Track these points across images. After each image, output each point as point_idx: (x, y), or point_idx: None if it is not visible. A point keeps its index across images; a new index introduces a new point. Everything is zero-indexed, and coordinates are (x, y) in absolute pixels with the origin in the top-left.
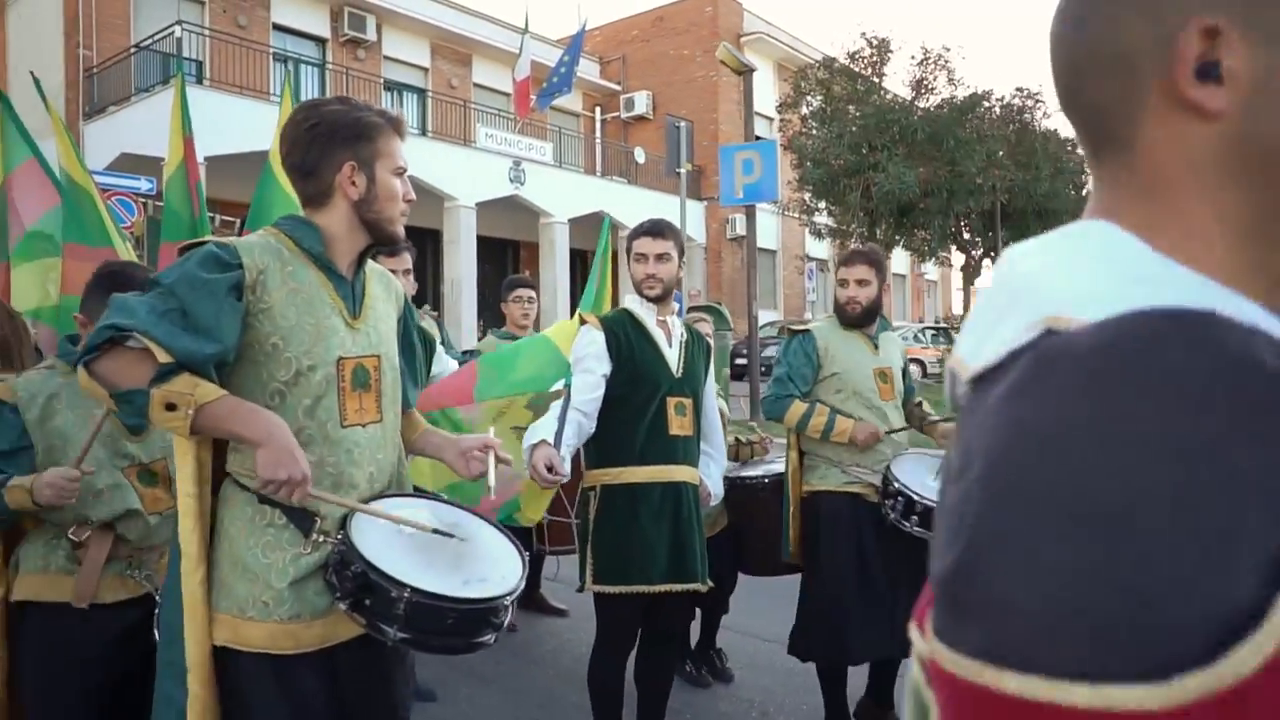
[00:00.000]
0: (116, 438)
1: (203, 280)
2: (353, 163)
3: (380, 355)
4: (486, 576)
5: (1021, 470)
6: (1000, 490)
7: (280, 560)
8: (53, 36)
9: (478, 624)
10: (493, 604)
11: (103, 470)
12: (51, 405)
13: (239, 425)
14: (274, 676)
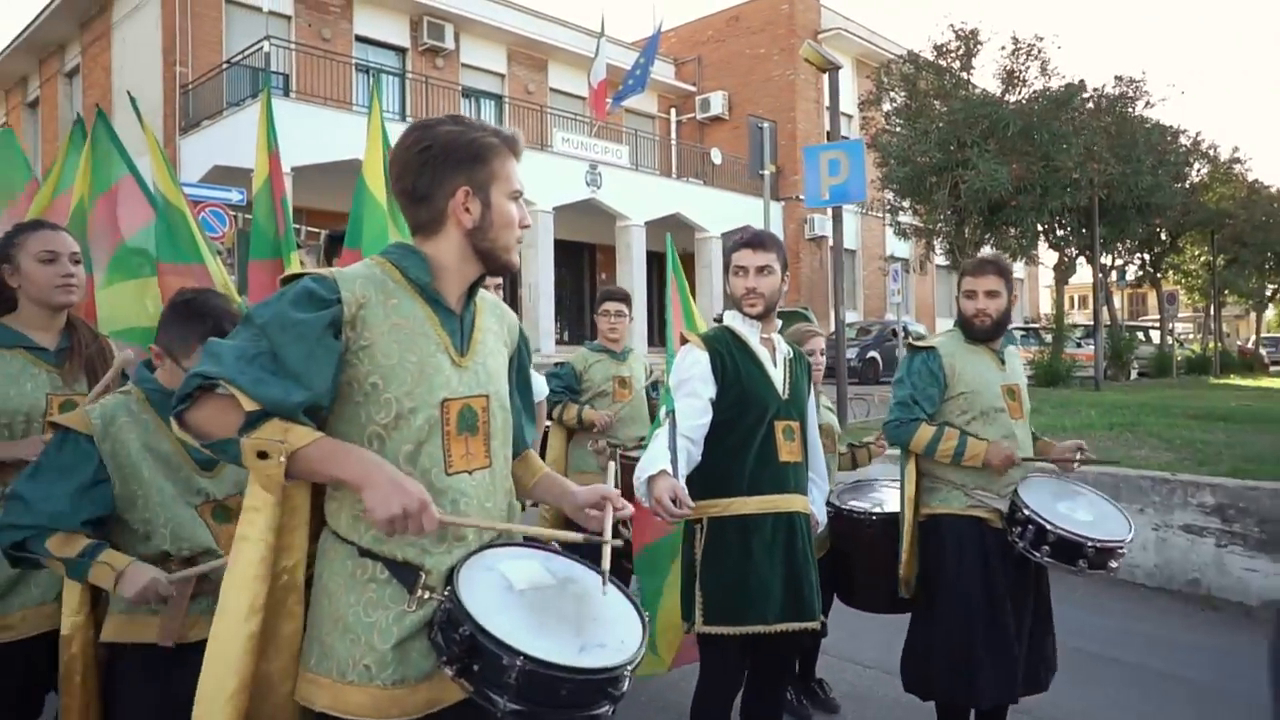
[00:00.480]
0: (189, 474)
1: (294, 320)
2: (467, 188)
3: (489, 395)
4: (605, 642)
5: None
6: None
7: (383, 619)
8: (152, 56)
9: (595, 695)
10: (612, 674)
11: (177, 507)
12: (122, 437)
13: (335, 468)
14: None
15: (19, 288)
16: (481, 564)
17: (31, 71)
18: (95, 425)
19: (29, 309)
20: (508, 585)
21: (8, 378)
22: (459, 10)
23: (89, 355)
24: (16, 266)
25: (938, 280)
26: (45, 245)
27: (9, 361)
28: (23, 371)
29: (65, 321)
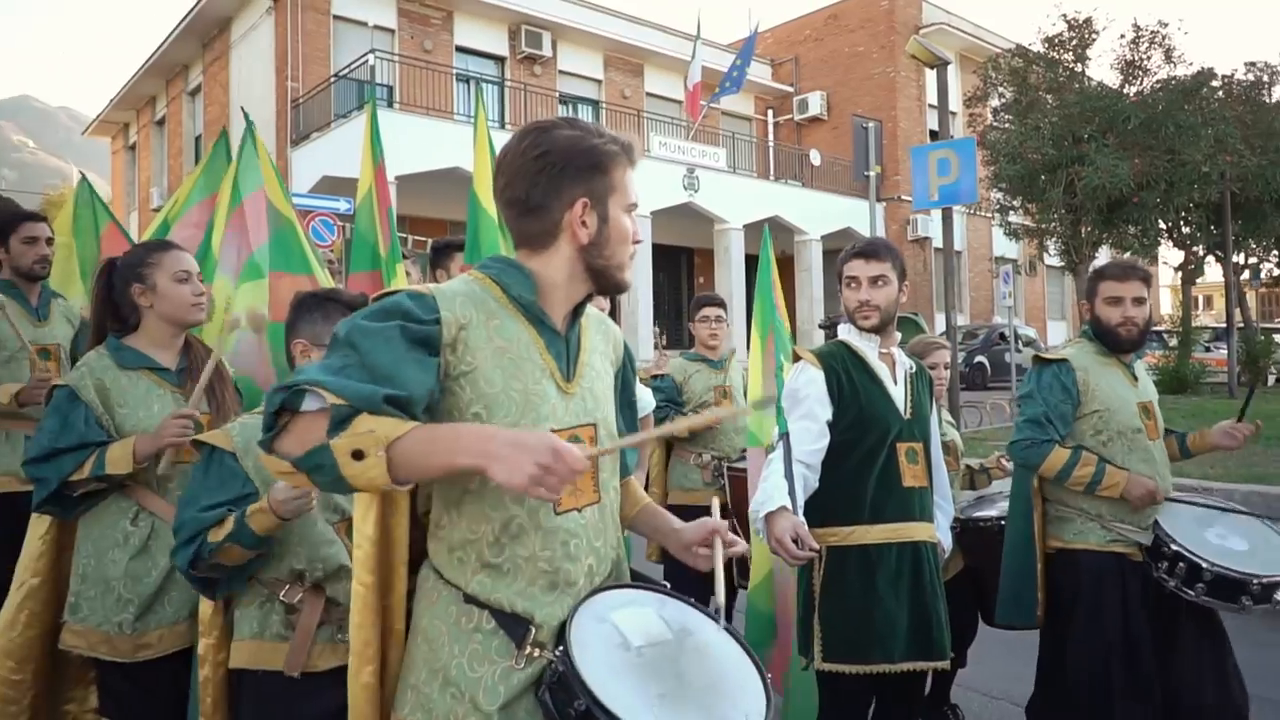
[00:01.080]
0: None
1: (375, 329)
2: (586, 200)
3: (596, 423)
4: (729, 716)
5: None
6: None
7: (490, 675)
8: (265, 72)
9: None
10: None
11: (315, 523)
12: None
13: (444, 454)
14: None
15: (150, 306)
16: (592, 613)
17: (159, 92)
18: (237, 443)
19: (155, 328)
20: (623, 642)
21: (136, 399)
22: (556, 18)
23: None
24: (151, 286)
25: (1048, 281)
26: (181, 265)
27: (136, 383)
28: (149, 393)
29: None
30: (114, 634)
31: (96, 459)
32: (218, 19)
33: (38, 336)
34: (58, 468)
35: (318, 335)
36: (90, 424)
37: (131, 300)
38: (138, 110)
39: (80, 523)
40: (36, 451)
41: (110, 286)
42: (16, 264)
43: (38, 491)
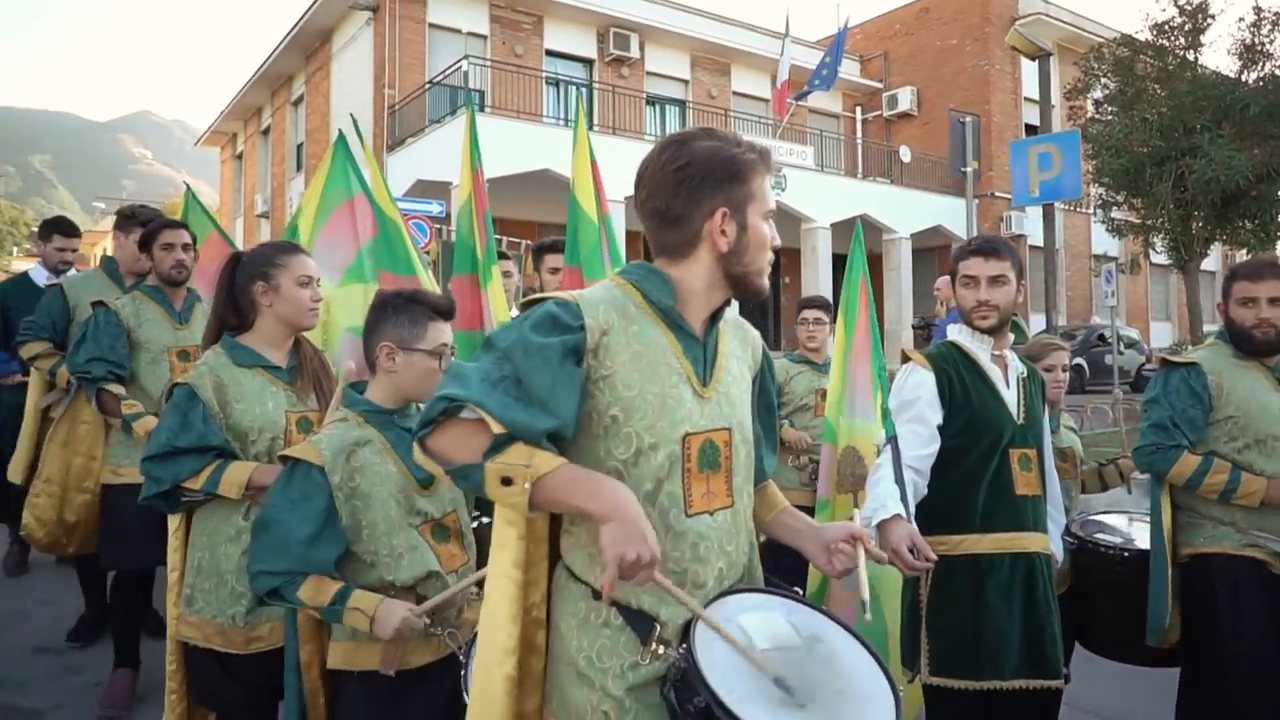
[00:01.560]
0: (410, 494)
1: (537, 346)
2: (725, 209)
3: (731, 427)
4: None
5: None
6: None
7: (616, 667)
8: (364, 81)
9: None
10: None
11: (400, 531)
12: (351, 464)
13: (581, 498)
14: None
15: (269, 305)
16: (720, 615)
17: (265, 102)
18: (325, 456)
19: (270, 328)
20: (748, 644)
21: (251, 396)
22: (644, 19)
23: (314, 371)
24: (274, 286)
25: (1152, 280)
26: (305, 270)
27: (251, 380)
28: (263, 390)
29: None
30: (228, 626)
31: (211, 476)
32: (320, 31)
33: (178, 339)
34: (175, 470)
35: (404, 339)
36: (208, 423)
37: (252, 297)
38: (245, 121)
39: (195, 517)
40: (155, 449)
41: (233, 281)
42: (158, 270)
43: (147, 487)
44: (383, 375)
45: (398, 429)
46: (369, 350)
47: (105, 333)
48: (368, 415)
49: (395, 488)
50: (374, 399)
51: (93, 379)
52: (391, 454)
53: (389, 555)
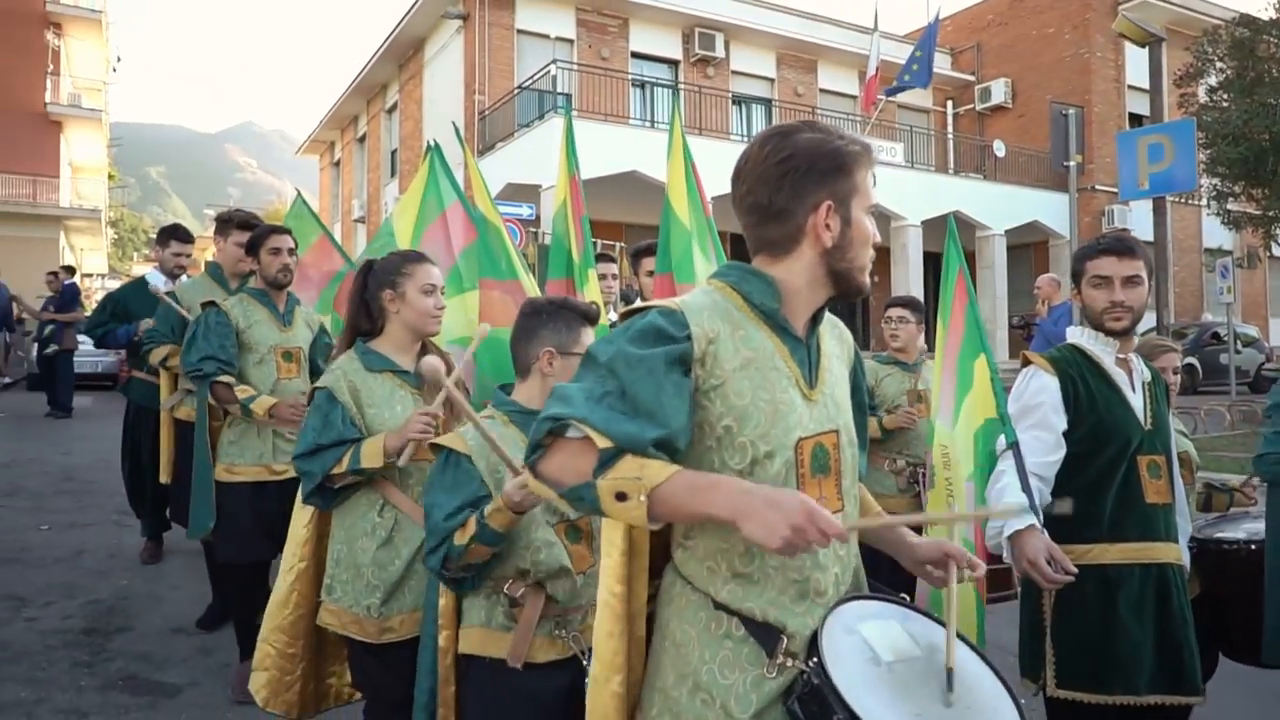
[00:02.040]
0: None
1: (639, 357)
2: (830, 202)
3: (839, 429)
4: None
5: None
6: None
7: (741, 683)
8: (455, 88)
9: None
10: None
11: (538, 526)
12: (494, 457)
13: (701, 503)
14: None
15: (396, 312)
16: (842, 624)
17: (360, 111)
18: (472, 445)
19: (398, 333)
20: (873, 657)
21: (382, 399)
22: (729, 19)
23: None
24: (401, 294)
25: (1271, 275)
26: (430, 279)
27: (381, 384)
28: (393, 394)
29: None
30: (363, 616)
31: (352, 454)
32: (412, 40)
33: (282, 340)
34: (321, 463)
35: (563, 344)
36: (346, 423)
37: (380, 304)
38: (342, 130)
39: (334, 513)
40: (303, 448)
41: (365, 287)
42: (264, 273)
43: (305, 484)
44: (537, 379)
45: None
46: (524, 355)
47: (215, 332)
48: (513, 415)
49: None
50: (522, 401)
51: (205, 375)
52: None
53: (525, 547)
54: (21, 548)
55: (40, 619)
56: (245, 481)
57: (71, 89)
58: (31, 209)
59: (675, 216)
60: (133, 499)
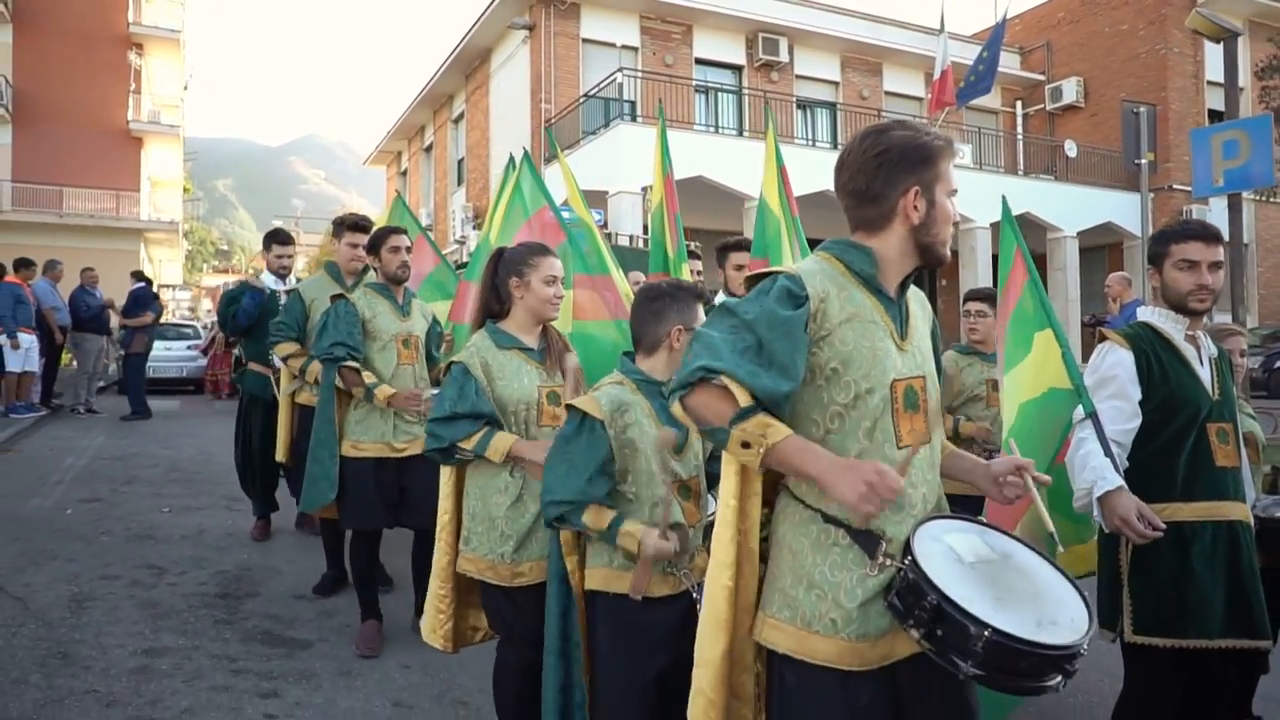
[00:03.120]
0: (666, 457)
1: (782, 319)
2: (916, 187)
3: (925, 375)
4: (1057, 619)
5: None
6: None
7: (848, 580)
8: (521, 97)
9: (1051, 669)
10: (1069, 651)
11: (656, 483)
12: (624, 419)
13: (801, 464)
14: (839, 688)
15: (521, 298)
16: (929, 535)
17: (427, 121)
18: (604, 410)
19: (523, 316)
20: (957, 558)
21: (511, 373)
22: (793, 23)
23: (560, 352)
24: (526, 282)
25: None
26: (552, 270)
27: (510, 359)
28: (520, 368)
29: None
30: (497, 562)
31: (480, 440)
32: (479, 51)
33: (402, 329)
34: (454, 431)
35: (687, 321)
36: (480, 395)
37: (508, 289)
38: (409, 140)
39: (469, 471)
40: (440, 413)
41: (495, 273)
42: (385, 270)
43: (429, 443)
44: (665, 353)
45: (660, 399)
46: (653, 333)
47: (344, 321)
48: (639, 384)
49: (653, 443)
50: (646, 370)
51: (334, 360)
52: (654, 419)
53: (646, 503)
54: (150, 527)
55: (179, 585)
56: (369, 457)
57: (151, 106)
58: (115, 222)
59: (769, 210)
60: (244, 482)
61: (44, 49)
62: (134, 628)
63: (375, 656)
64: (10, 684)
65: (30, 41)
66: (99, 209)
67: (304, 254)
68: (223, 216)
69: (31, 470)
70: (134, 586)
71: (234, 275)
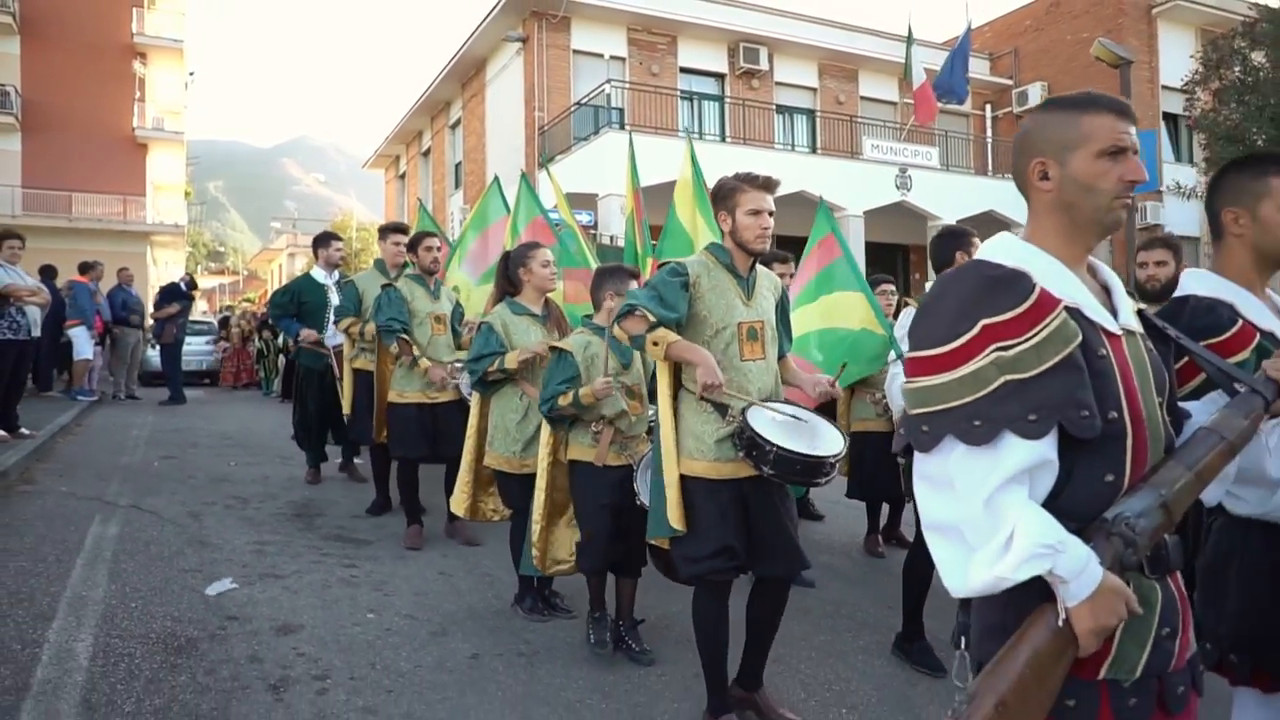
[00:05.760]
0: (616, 371)
1: (670, 282)
2: (724, 213)
3: (764, 321)
4: (819, 447)
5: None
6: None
7: (711, 430)
8: (515, 105)
9: (815, 471)
10: (824, 460)
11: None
12: (587, 352)
13: (687, 354)
14: (708, 490)
15: (528, 280)
16: (759, 409)
17: (425, 127)
18: (575, 348)
19: (530, 293)
20: (771, 419)
21: (522, 331)
22: (772, 33)
23: (557, 318)
24: (530, 269)
25: None
26: (546, 256)
27: (521, 322)
28: (529, 328)
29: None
30: (511, 457)
31: (500, 361)
32: (475, 61)
33: (434, 309)
34: (481, 365)
35: (618, 289)
36: (498, 343)
37: (518, 275)
38: (407, 144)
39: (493, 399)
40: (472, 355)
41: (507, 266)
42: (421, 263)
43: (471, 377)
44: (605, 309)
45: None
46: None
47: (395, 304)
48: (593, 330)
49: (608, 369)
50: (598, 322)
51: (391, 331)
52: (608, 351)
53: (604, 404)
54: (224, 475)
55: (263, 508)
56: (412, 402)
57: (155, 113)
58: (122, 225)
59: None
60: (300, 438)
61: (51, 59)
62: (241, 530)
63: (419, 549)
64: (172, 555)
65: (38, 52)
66: (106, 213)
67: (303, 254)
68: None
69: (108, 439)
70: (228, 509)
71: (229, 276)
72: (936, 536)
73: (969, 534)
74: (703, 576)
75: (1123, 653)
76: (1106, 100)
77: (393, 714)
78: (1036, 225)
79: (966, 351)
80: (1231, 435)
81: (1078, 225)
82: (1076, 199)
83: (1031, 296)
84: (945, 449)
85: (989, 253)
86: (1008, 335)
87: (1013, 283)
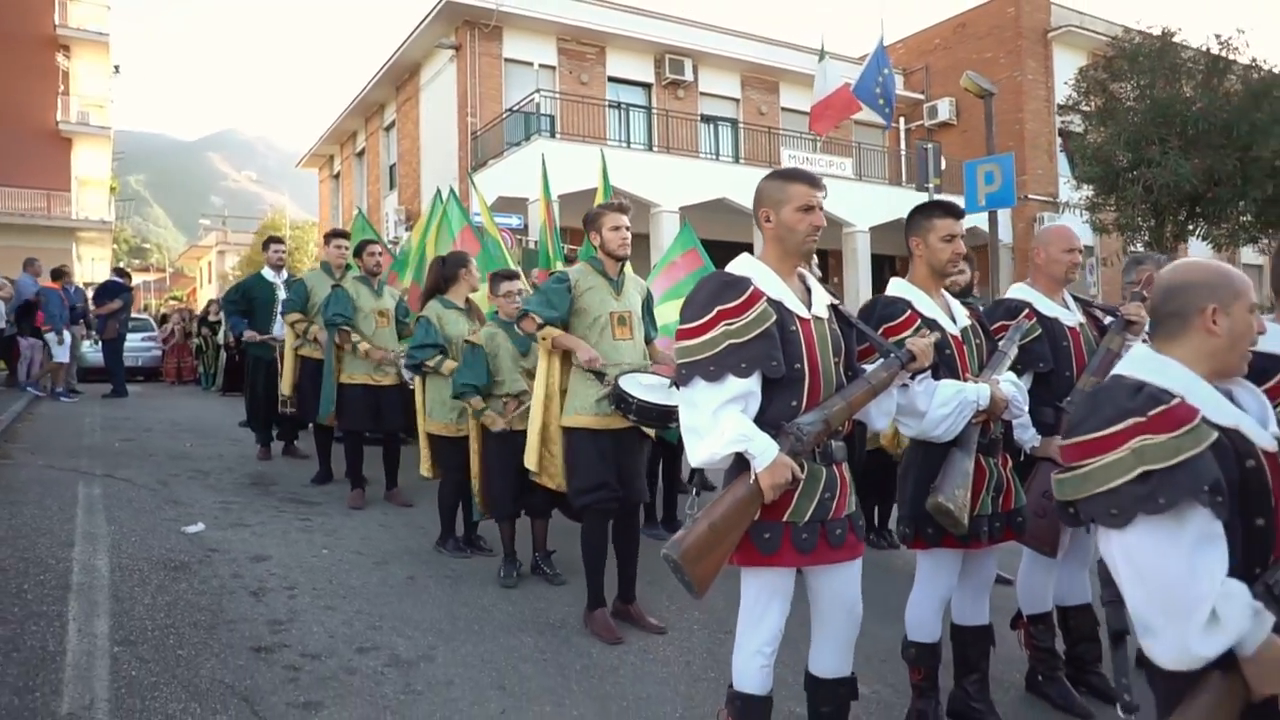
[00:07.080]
0: (517, 357)
1: (555, 289)
2: (592, 231)
3: (631, 311)
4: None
5: None
6: None
7: (592, 392)
8: (449, 110)
9: (669, 417)
10: (674, 409)
11: (512, 373)
12: (494, 344)
13: (567, 343)
14: (590, 438)
15: (463, 281)
16: (631, 374)
17: (359, 128)
18: (483, 340)
19: (459, 291)
20: (639, 383)
21: (451, 322)
22: (697, 45)
23: (476, 312)
24: (459, 277)
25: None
26: (472, 267)
27: (451, 314)
28: (457, 319)
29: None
30: (448, 423)
31: (437, 363)
32: (409, 65)
33: (378, 305)
34: (422, 355)
35: (498, 289)
36: (435, 334)
37: (458, 275)
38: (341, 145)
39: (429, 381)
40: (413, 344)
41: (443, 268)
42: (365, 266)
43: (408, 363)
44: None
45: (513, 331)
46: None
47: (340, 301)
48: (499, 324)
49: (510, 355)
50: (502, 316)
51: (335, 325)
52: (508, 342)
53: (508, 383)
54: (182, 453)
55: (223, 478)
56: (359, 384)
57: (80, 107)
58: (46, 221)
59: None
60: (250, 420)
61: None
62: (207, 494)
63: (362, 509)
64: (154, 509)
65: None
66: (30, 208)
67: (234, 252)
68: (135, 214)
69: (65, 425)
70: (192, 479)
71: (155, 274)
72: (687, 434)
73: (700, 430)
74: (589, 506)
75: (798, 506)
76: (804, 175)
77: (348, 611)
78: (764, 249)
79: (708, 325)
80: (875, 382)
81: (787, 251)
82: (784, 235)
83: (748, 291)
84: (694, 384)
85: (730, 266)
86: (733, 315)
87: (737, 283)
